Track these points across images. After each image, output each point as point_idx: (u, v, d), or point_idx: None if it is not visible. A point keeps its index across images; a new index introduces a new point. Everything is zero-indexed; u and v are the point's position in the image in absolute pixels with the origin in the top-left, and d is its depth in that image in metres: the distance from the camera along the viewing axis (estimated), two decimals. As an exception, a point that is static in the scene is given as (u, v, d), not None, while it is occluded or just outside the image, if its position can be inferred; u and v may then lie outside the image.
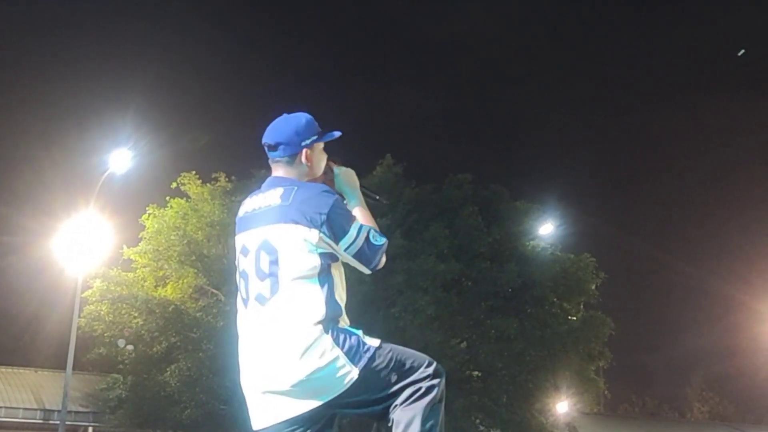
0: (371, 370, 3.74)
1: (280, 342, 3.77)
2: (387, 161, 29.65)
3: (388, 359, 3.79)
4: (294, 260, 3.81)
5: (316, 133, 4.11)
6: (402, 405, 3.75)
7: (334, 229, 3.81)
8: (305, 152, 4.06)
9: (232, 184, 28.93)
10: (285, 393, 3.75)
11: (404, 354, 3.85)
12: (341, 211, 3.86)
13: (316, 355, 3.71)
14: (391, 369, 3.78)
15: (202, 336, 26.66)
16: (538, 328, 29.02)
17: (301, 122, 4.10)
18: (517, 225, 30.85)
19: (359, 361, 3.73)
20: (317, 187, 3.98)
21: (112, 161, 26.62)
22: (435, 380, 3.80)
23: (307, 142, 4.06)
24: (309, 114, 4.17)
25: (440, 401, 3.81)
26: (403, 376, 3.78)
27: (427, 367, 3.82)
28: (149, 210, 27.89)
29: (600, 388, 32.93)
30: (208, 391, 25.90)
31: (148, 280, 28.31)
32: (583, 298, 31.71)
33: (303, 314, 3.76)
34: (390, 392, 3.78)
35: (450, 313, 28.01)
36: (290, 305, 3.79)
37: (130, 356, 27.78)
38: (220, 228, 27.49)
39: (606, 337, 30.99)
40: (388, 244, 3.93)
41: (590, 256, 31.41)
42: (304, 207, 3.84)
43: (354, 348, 3.75)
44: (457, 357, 27.21)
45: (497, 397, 28.95)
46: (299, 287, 3.80)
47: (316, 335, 3.73)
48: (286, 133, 4.07)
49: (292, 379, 3.72)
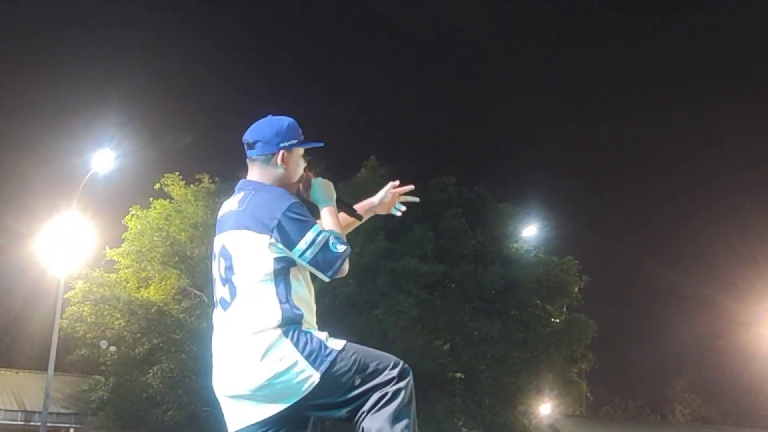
0: (333, 374, 3.69)
1: (241, 347, 3.77)
2: (371, 163, 29.67)
3: (351, 362, 3.73)
4: (247, 266, 3.80)
5: (297, 138, 4.06)
6: (370, 412, 3.70)
7: (287, 234, 3.74)
8: (282, 153, 4.01)
9: (216, 185, 28.86)
10: (248, 398, 3.75)
11: (368, 356, 3.79)
12: (295, 216, 3.77)
13: (276, 359, 3.69)
14: (355, 372, 3.72)
15: (185, 337, 26.57)
16: (521, 330, 29.09)
17: (283, 124, 4.06)
18: (500, 227, 30.93)
19: (320, 364, 3.69)
20: (274, 191, 3.93)
21: (95, 162, 26.50)
22: (401, 383, 3.72)
23: (286, 144, 4.01)
24: (294, 119, 4.13)
25: (409, 403, 3.74)
26: (367, 379, 3.72)
27: (392, 369, 3.75)
28: (132, 211, 27.79)
29: (582, 390, 33.02)
30: (190, 393, 25.81)
31: (131, 282, 28.21)
32: (566, 301, 31.82)
33: (260, 319, 3.74)
34: (354, 395, 3.72)
35: (433, 314, 28.03)
36: (248, 310, 3.78)
37: (112, 357, 27.67)
38: (203, 229, 27.41)
39: (589, 340, 31.11)
40: (349, 252, 3.81)
41: (573, 259, 31.53)
42: (257, 212, 3.82)
43: (315, 351, 3.71)
44: (439, 359, 27.22)
45: (480, 399, 28.99)
46: (255, 292, 3.78)
47: (275, 339, 3.71)
48: (267, 132, 4.04)
49: (253, 384, 3.71)
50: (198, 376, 25.81)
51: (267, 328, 3.73)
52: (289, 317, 3.76)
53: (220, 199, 28.02)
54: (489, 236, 30.16)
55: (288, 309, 3.76)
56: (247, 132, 4.10)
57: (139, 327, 27.08)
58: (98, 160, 26.48)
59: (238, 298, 3.82)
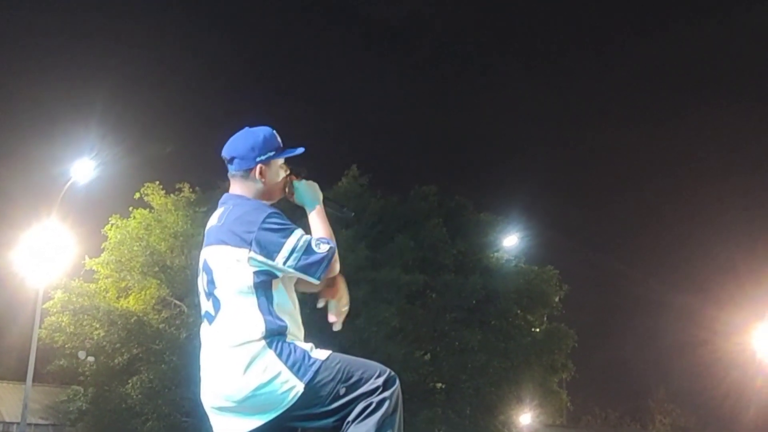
0: (317, 384, 3.69)
1: (225, 359, 3.77)
2: (353, 172, 29.66)
3: (335, 372, 3.72)
4: (227, 280, 3.80)
5: (274, 149, 4.04)
6: (354, 422, 3.69)
7: (266, 245, 3.72)
8: (259, 168, 3.98)
9: (196, 194, 28.78)
10: (234, 410, 3.75)
11: (353, 365, 3.78)
12: (273, 226, 3.75)
13: (260, 370, 3.69)
14: (339, 381, 3.71)
15: (164, 347, 26.44)
16: (501, 340, 29.11)
17: (258, 137, 4.04)
18: (481, 237, 30.97)
19: (304, 374, 3.68)
20: (251, 204, 3.91)
21: (75, 171, 26.35)
22: (386, 392, 3.71)
23: (263, 158, 3.99)
24: (271, 128, 4.11)
25: (394, 412, 3.72)
26: (352, 389, 3.71)
27: (377, 378, 3.73)
28: (112, 220, 27.67)
29: (563, 400, 33.06)
30: (170, 403, 25.69)
31: (111, 291, 28.07)
32: (547, 311, 31.88)
33: (243, 331, 3.74)
34: (339, 404, 3.71)
35: (414, 324, 28.04)
36: (231, 323, 3.78)
37: (91, 368, 27.51)
38: (183, 239, 27.34)
39: (569, 349, 31.17)
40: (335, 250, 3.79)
41: (554, 269, 31.60)
42: (234, 226, 3.81)
43: (299, 362, 3.70)
44: (420, 369, 27.21)
45: (461, 409, 28.99)
46: (237, 305, 3.78)
47: (258, 350, 3.71)
48: (242, 147, 4.03)
49: (238, 396, 3.71)
50: (178, 387, 25.70)
51: (250, 340, 3.72)
52: (273, 329, 3.75)
53: (200, 209, 28.08)
54: (470, 246, 30.20)
55: (271, 321, 3.76)
56: (224, 148, 4.08)
57: (118, 337, 26.93)
58: (78, 170, 26.34)
59: (221, 311, 3.82)
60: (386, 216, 28.89)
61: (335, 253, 3.80)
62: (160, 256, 27.59)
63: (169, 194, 28.50)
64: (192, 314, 26.73)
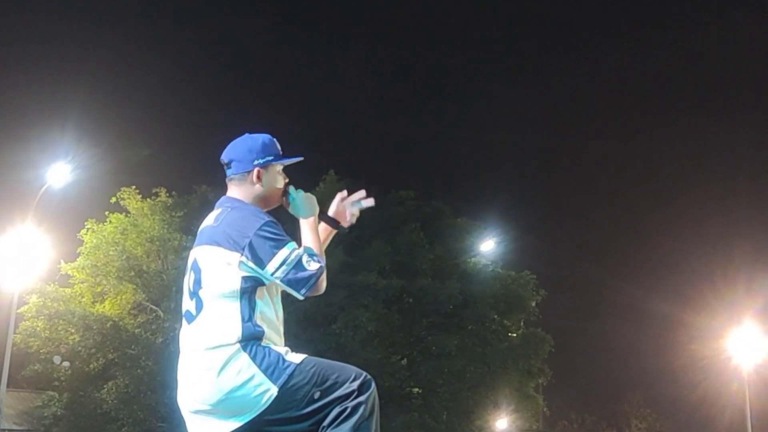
0: (291, 387, 3.67)
1: (200, 361, 3.77)
2: (330, 177, 29.65)
3: (309, 375, 3.71)
4: (214, 281, 3.79)
5: (273, 155, 4.06)
6: (330, 427, 3.68)
7: (258, 253, 3.73)
8: (256, 171, 4.01)
9: (173, 199, 28.69)
10: (208, 412, 3.74)
11: (328, 369, 3.77)
12: (268, 235, 3.76)
13: (233, 373, 3.68)
14: (314, 385, 3.69)
15: (140, 352, 26.33)
16: (478, 345, 29.15)
17: (257, 142, 4.06)
18: (458, 242, 31.02)
19: (278, 378, 3.67)
20: (248, 209, 3.92)
21: (51, 175, 26.18)
22: (361, 397, 3.69)
23: (260, 162, 4.01)
24: (271, 136, 4.13)
25: (370, 416, 3.70)
26: (326, 392, 3.69)
27: (353, 382, 3.71)
28: (88, 225, 27.54)
29: (539, 405, 33.14)
30: (146, 408, 25.58)
31: (86, 296, 27.93)
32: (524, 315, 31.96)
33: (220, 334, 3.74)
34: (314, 408, 3.70)
35: (391, 329, 28.04)
36: (210, 325, 3.78)
37: (66, 373, 27.35)
38: (159, 243, 27.24)
39: (546, 354, 31.23)
40: (324, 269, 3.79)
41: (531, 274, 31.66)
42: (230, 229, 3.81)
43: (273, 365, 3.69)
44: (397, 374, 27.22)
45: (437, 414, 28.99)
46: (219, 307, 3.77)
47: (232, 353, 3.70)
48: (241, 151, 4.05)
49: (212, 398, 3.70)
50: (154, 392, 25.60)
51: (226, 344, 3.72)
52: (249, 334, 3.74)
53: (176, 213, 28.03)
54: (447, 251, 30.24)
55: (249, 327, 3.75)
56: (223, 152, 4.11)
57: (93, 342, 26.80)
58: (54, 174, 26.17)
59: (202, 312, 3.82)
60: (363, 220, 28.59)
61: (324, 272, 3.80)
62: (136, 261, 27.48)
63: (145, 199, 28.43)
64: (168, 319, 26.65)
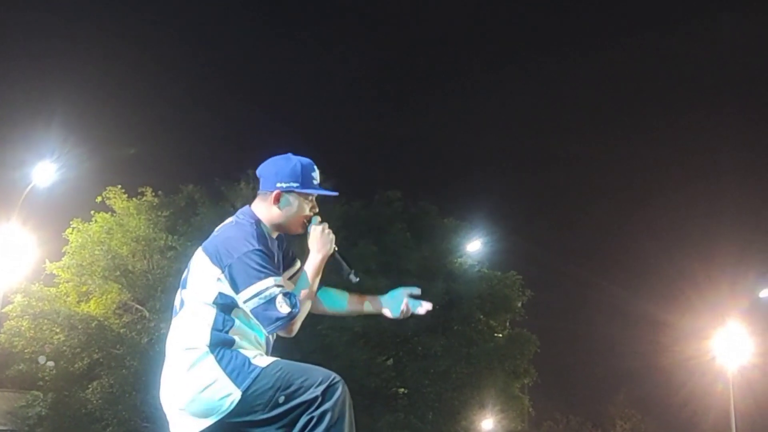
0: (255, 392, 3.67)
1: (173, 360, 3.82)
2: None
3: (274, 379, 3.69)
4: (196, 286, 3.84)
5: (299, 182, 4.02)
6: None
7: (236, 277, 3.73)
8: (276, 194, 3.99)
9: (159, 199, 28.62)
10: (180, 412, 3.78)
11: (294, 373, 3.73)
12: (251, 263, 3.74)
13: (199, 375, 3.71)
14: (278, 389, 3.68)
15: (125, 352, 26.26)
16: (464, 346, 29.18)
17: (288, 165, 4.04)
18: (445, 242, 31.07)
19: (242, 381, 3.67)
20: (246, 230, 3.90)
21: (36, 174, 26.08)
22: (326, 404, 3.65)
23: (283, 186, 3.99)
24: (311, 162, 4.11)
25: (338, 422, 3.66)
26: (291, 397, 3.67)
27: (317, 387, 3.67)
28: (73, 224, 27.42)
29: (525, 405, 33.23)
30: (131, 409, 25.51)
31: (71, 296, 27.83)
32: (510, 316, 32.02)
33: (192, 335, 3.78)
34: (280, 413, 3.67)
35: (377, 330, 28.03)
36: (186, 325, 3.83)
37: (50, 373, 27.24)
38: (145, 243, 27.17)
39: (531, 355, 31.30)
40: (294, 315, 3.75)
41: (517, 274, 31.71)
42: (221, 245, 3.84)
43: (237, 369, 3.70)
44: (383, 374, 27.24)
45: (423, 414, 29.02)
46: (195, 311, 3.82)
47: (199, 355, 3.73)
48: (269, 169, 4.06)
49: (181, 399, 3.75)
50: (138, 392, 25.54)
51: (195, 346, 3.76)
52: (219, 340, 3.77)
53: (162, 213, 27.96)
54: (433, 251, 30.27)
55: (219, 335, 3.78)
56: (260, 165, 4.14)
57: (78, 342, 26.70)
58: (39, 173, 26.07)
59: (183, 310, 3.87)
60: (350, 221, 28.86)
61: (293, 318, 3.77)
62: (121, 261, 27.39)
63: (131, 198, 28.34)
64: (153, 319, 26.59)
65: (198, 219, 26.83)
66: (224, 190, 28.94)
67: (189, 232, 26.52)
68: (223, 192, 28.90)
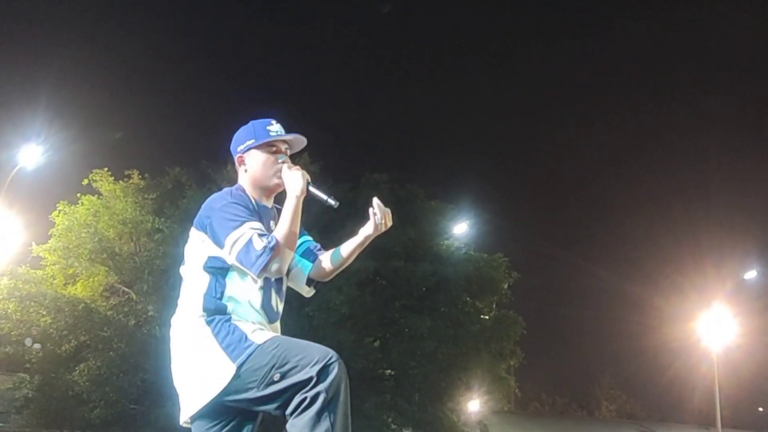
0: (250, 368, 3.69)
1: (173, 335, 3.91)
2: (304, 160, 29.56)
3: (270, 356, 3.70)
4: (190, 258, 3.96)
5: (253, 137, 4.14)
6: (292, 416, 3.68)
7: (216, 232, 3.84)
8: (239, 158, 4.17)
9: (145, 181, 28.58)
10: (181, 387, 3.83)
11: (291, 351, 3.74)
12: (226, 215, 3.83)
13: (195, 349, 3.76)
14: (273, 367, 3.69)
15: (112, 335, 26.25)
16: (450, 327, 29.23)
17: (243, 129, 4.20)
18: (432, 225, 31.06)
19: (237, 357, 3.70)
20: (222, 193, 4.03)
21: (23, 157, 26.06)
22: (320, 385, 3.65)
23: (242, 147, 4.15)
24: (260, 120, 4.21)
25: (332, 402, 3.66)
26: (286, 375, 3.68)
27: (312, 367, 3.67)
28: (60, 207, 27.36)
29: (511, 386, 33.35)
30: (118, 390, 25.52)
31: (58, 278, 27.81)
32: (496, 298, 32.04)
33: (188, 307, 3.87)
34: (276, 391, 3.69)
35: (364, 311, 28.08)
36: (183, 298, 3.93)
37: (37, 355, 27.23)
38: (132, 226, 27.14)
39: (517, 336, 31.38)
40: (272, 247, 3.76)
41: (503, 256, 31.75)
42: (202, 211, 3.96)
43: (234, 343, 3.73)
44: (370, 356, 27.30)
45: (409, 395, 29.11)
46: (191, 282, 3.92)
47: (197, 328, 3.79)
48: (231, 142, 4.24)
49: (180, 372, 3.82)
50: (126, 374, 25.56)
51: (191, 317, 3.79)
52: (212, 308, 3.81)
53: (149, 196, 27.91)
54: (420, 233, 30.28)
55: (212, 301, 3.83)
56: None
57: (65, 324, 26.68)
58: (25, 155, 26.04)
59: (182, 285, 3.99)
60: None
61: (273, 251, 3.77)
62: (108, 243, 27.35)
63: (117, 181, 28.27)
64: (140, 301, 26.58)
65: (185, 202, 26.78)
66: (211, 172, 28.89)
67: (176, 215, 26.48)
68: (210, 174, 28.85)
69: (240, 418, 3.87)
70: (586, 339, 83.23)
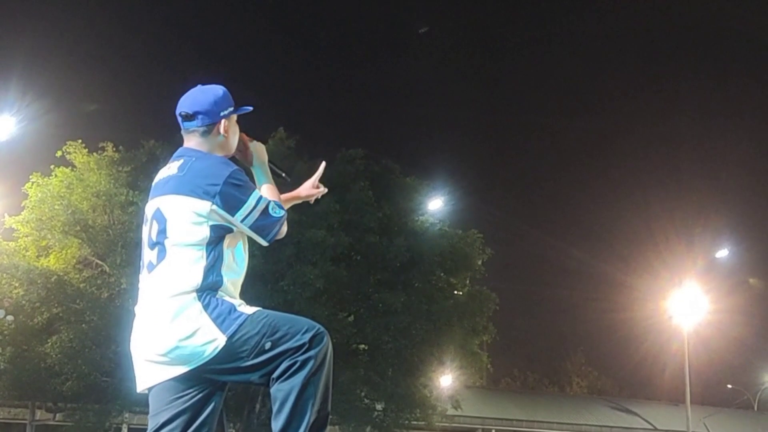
0: (240, 338, 3.71)
1: (157, 309, 3.81)
2: (280, 134, 29.51)
3: (260, 326, 3.74)
4: (180, 230, 3.83)
5: (232, 105, 4.12)
6: (279, 380, 3.72)
7: (229, 200, 3.79)
8: (223, 123, 4.06)
9: (120, 154, 28.39)
10: (159, 359, 3.78)
11: (281, 321, 3.81)
12: (238, 182, 3.83)
13: (184, 321, 3.72)
14: (264, 336, 3.73)
15: (85, 307, 26.19)
16: (424, 303, 29.33)
17: (218, 93, 4.10)
18: (407, 200, 31.08)
19: (228, 328, 3.71)
20: (215, 158, 3.97)
21: (-6, 127, 25.86)
22: (311, 351, 3.74)
23: (225, 113, 4.07)
24: (224, 87, 4.18)
25: (319, 370, 3.76)
26: (277, 343, 3.73)
27: (304, 334, 3.77)
28: (33, 178, 27.17)
29: (483, 362, 33.50)
30: (90, 363, 25.50)
31: (30, 250, 27.66)
32: (470, 274, 32.15)
33: (179, 281, 3.78)
34: (264, 359, 3.73)
35: (338, 286, 28.12)
36: (170, 272, 3.82)
37: (9, 327, 27.13)
38: (106, 198, 27.00)
39: (491, 312, 31.52)
40: (286, 217, 3.95)
41: (477, 233, 31.85)
42: (198, 179, 3.84)
43: (223, 315, 3.73)
44: (344, 330, 27.36)
45: (383, 370, 29.25)
46: (182, 256, 3.81)
47: (186, 302, 3.74)
48: (205, 102, 4.07)
49: (164, 346, 3.74)
50: (98, 347, 25.55)
51: (183, 292, 3.76)
52: (207, 284, 3.79)
53: (123, 168, 27.76)
54: (395, 209, 30.30)
55: (211, 275, 3.81)
56: (181, 103, 4.11)
57: (38, 296, 26.58)
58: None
59: (164, 261, 3.85)
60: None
61: (286, 218, 3.95)
62: (81, 216, 27.20)
63: (91, 153, 28.07)
64: (113, 274, 26.50)
65: (159, 174, 26.67)
66: (186, 145, 28.77)
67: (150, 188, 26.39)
68: (185, 147, 28.73)
69: (209, 390, 3.87)
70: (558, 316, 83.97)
